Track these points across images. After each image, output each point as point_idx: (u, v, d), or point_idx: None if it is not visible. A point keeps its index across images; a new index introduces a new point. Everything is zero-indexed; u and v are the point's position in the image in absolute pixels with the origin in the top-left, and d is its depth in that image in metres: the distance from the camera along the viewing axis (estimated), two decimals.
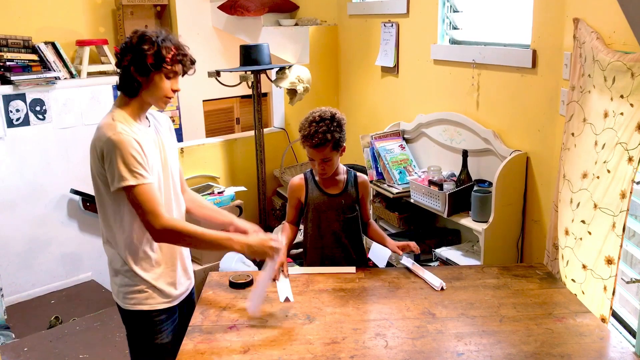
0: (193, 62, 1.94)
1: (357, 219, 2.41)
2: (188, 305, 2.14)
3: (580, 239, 2.08)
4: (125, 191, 1.80)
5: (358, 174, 2.43)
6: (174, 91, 1.91)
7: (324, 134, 2.18)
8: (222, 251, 1.92)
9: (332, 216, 2.35)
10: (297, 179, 2.41)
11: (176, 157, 2.09)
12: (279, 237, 2.00)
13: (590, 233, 2.02)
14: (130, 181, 1.78)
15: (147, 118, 1.98)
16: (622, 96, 1.85)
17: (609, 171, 1.90)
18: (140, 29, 1.89)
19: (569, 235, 2.18)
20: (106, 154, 1.79)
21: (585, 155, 2.08)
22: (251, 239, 1.92)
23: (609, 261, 1.90)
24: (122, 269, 1.94)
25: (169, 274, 2.01)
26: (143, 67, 1.83)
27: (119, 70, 1.89)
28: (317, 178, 2.36)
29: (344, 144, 2.29)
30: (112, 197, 1.87)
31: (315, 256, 2.41)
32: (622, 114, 1.85)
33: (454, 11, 3.17)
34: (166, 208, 1.94)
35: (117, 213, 1.89)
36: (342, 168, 2.41)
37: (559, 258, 2.27)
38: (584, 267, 2.07)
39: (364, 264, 2.44)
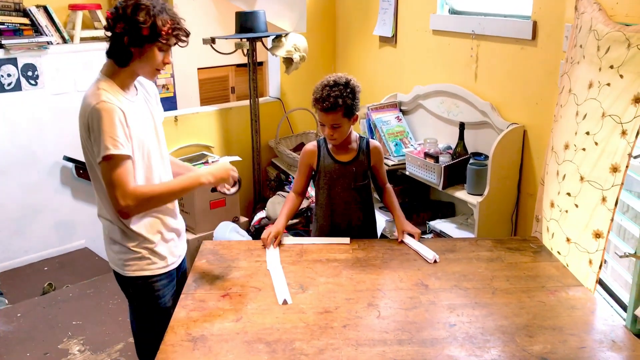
0: (187, 34, 1.90)
1: (368, 186, 2.41)
2: (181, 271, 2.15)
3: (566, 211, 2.09)
4: (104, 160, 1.75)
5: (370, 140, 2.42)
6: (165, 64, 1.88)
7: (336, 98, 2.18)
8: (193, 190, 1.99)
9: (344, 184, 2.35)
10: (310, 145, 2.42)
11: (161, 127, 2.08)
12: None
13: (577, 206, 2.02)
14: (112, 150, 1.74)
15: (135, 86, 1.94)
16: (611, 67, 1.83)
17: (596, 143, 1.89)
18: None
19: (554, 208, 2.18)
20: (91, 124, 1.76)
21: (567, 125, 2.08)
22: (211, 169, 1.97)
23: (597, 235, 1.90)
24: (119, 237, 1.93)
25: (164, 240, 2.01)
26: (137, 38, 1.78)
27: (108, 34, 1.84)
28: (329, 145, 2.36)
29: (357, 113, 2.29)
30: None
31: (325, 223, 2.42)
32: (608, 84, 1.84)
33: None
34: (156, 176, 1.94)
35: None
36: (355, 135, 2.40)
37: (544, 231, 2.28)
38: (567, 240, 2.08)
39: (373, 231, 2.46)
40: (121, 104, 1.79)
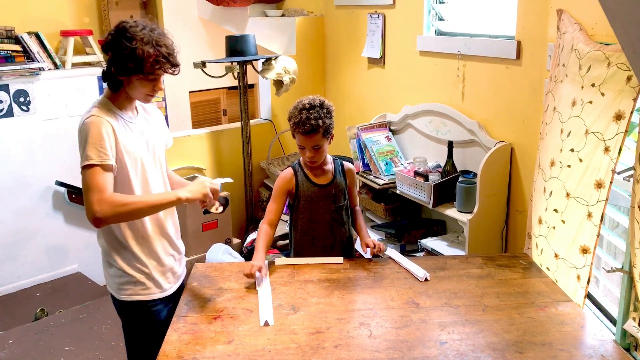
0: (174, 65, 1.88)
1: (347, 207, 2.42)
2: (180, 293, 2.15)
3: (554, 227, 2.12)
4: (86, 168, 1.77)
5: (344, 162, 2.44)
6: (155, 90, 1.90)
7: (316, 120, 2.20)
8: (172, 206, 1.97)
9: (324, 206, 2.36)
10: (286, 172, 2.39)
11: (163, 149, 2.11)
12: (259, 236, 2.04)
13: (563, 222, 2.05)
14: (95, 160, 1.76)
15: (136, 109, 1.98)
16: (593, 85, 1.88)
17: (581, 160, 1.93)
18: (126, 22, 1.85)
19: (542, 224, 2.21)
20: (80, 138, 1.81)
21: (553, 143, 2.12)
22: (189, 187, 1.95)
23: (584, 250, 1.92)
24: (115, 261, 1.95)
25: (161, 265, 2.02)
26: (122, 69, 1.81)
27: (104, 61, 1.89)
28: (305, 170, 2.36)
29: (333, 132, 2.30)
30: None
31: (305, 246, 2.41)
32: (590, 102, 1.88)
33: (440, 2, 3.17)
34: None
35: None
36: (329, 157, 2.41)
37: (533, 247, 2.30)
38: (556, 255, 2.10)
39: (352, 251, 2.46)
40: (113, 119, 1.84)
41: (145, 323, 2.02)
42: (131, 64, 1.80)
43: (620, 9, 1.22)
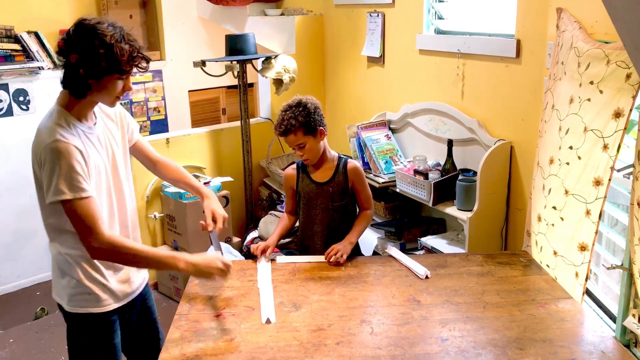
0: (147, 60, 1.78)
1: (346, 206, 2.41)
2: (141, 299, 2.06)
3: (552, 225, 2.13)
4: (62, 204, 1.67)
5: (349, 160, 2.40)
6: (125, 91, 1.79)
7: (288, 120, 2.22)
8: (167, 270, 1.86)
9: (322, 204, 2.36)
10: (290, 168, 2.43)
11: (124, 150, 1.97)
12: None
13: (562, 219, 2.06)
14: (68, 195, 1.65)
15: (94, 114, 1.83)
16: (591, 82, 1.88)
17: (579, 157, 1.94)
18: (87, 19, 1.69)
19: (541, 222, 2.22)
20: (45, 162, 1.67)
21: (552, 140, 2.13)
22: (197, 258, 1.83)
23: (583, 247, 1.93)
24: (72, 270, 1.83)
25: (121, 274, 1.92)
26: (94, 70, 1.66)
27: (62, 62, 1.71)
28: (307, 167, 2.38)
29: (320, 128, 2.28)
30: None
31: (307, 244, 2.43)
32: (589, 100, 1.89)
33: (439, 1, 3.17)
34: (109, 208, 1.86)
35: (63, 215, 1.72)
36: (333, 155, 2.40)
37: (533, 245, 2.31)
38: (554, 253, 2.11)
39: (354, 251, 2.44)
40: (77, 138, 1.71)
41: (96, 336, 1.90)
42: (105, 64, 1.65)
43: (623, 5, 1.23)
